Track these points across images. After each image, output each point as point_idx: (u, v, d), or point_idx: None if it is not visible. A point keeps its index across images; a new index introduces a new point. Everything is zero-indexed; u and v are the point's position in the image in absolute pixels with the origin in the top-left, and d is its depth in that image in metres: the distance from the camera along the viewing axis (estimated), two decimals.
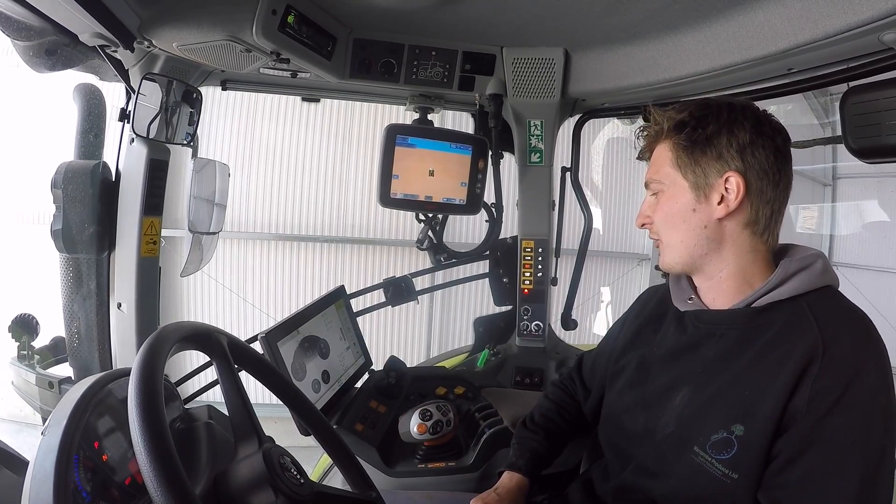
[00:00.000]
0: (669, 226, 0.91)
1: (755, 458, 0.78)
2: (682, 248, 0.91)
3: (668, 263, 0.94)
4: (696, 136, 0.88)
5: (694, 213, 0.88)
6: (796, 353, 0.78)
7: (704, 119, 0.88)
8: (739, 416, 0.80)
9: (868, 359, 0.77)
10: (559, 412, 1.21)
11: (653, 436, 0.91)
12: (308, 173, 4.35)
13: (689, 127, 0.88)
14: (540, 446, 1.15)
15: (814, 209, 6.62)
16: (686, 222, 0.89)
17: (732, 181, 0.85)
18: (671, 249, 0.92)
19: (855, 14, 0.90)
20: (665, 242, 0.93)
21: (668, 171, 0.91)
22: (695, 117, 0.89)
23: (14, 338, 1.47)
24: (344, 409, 1.41)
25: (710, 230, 0.88)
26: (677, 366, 0.93)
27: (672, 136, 0.90)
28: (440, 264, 1.88)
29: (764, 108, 0.90)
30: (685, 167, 0.89)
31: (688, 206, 0.89)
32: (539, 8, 1.26)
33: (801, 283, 0.84)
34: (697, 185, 0.88)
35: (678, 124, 0.90)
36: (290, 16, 1.21)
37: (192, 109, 1.44)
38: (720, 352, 0.87)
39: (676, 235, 0.91)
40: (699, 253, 0.90)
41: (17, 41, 1.19)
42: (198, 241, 1.62)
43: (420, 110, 1.71)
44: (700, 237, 0.89)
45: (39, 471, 0.62)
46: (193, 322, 0.76)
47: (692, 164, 0.88)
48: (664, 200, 0.92)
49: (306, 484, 0.74)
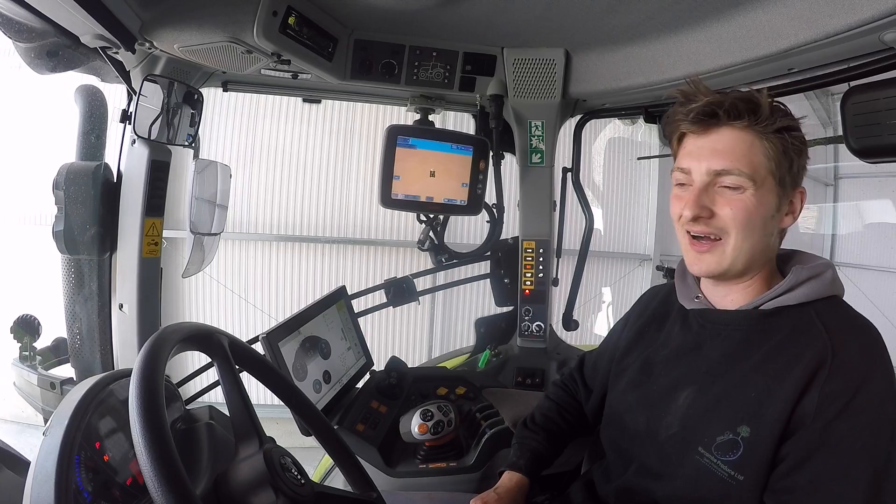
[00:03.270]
0: (747, 229, 0.82)
1: (761, 460, 0.78)
2: (750, 254, 0.84)
3: (722, 268, 0.85)
4: (798, 142, 0.84)
5: (772, 220, 0.85)
6: (805, 357, 0.78)
7: (798, 129, 0.85)
8: (745, 417, 0.80)
9: (876, 366, 0.77)
10: (560, 412, 1.20)
11: (656, 436, 0.91)
12: (309, 174, 4.36)
13: (792, 132, 0.83)
14: (540, 446, 1.15)
15: (815, 209, 6.61)
16: (765, 228, 0.84)
17: (799, 197, 0.87)
18: (737, 253, 0.84)
19: (855, 14, 0.90)
20: (731, 245, 0.83)
21: (762, 167, 0.82)
22: (790, 124, 0.83)
23: (16, 339, 1.48)
24: (345, 410, 1.41)
25: (775, 239, 0.88)
26: (681, 365, 0.93)
27: (772, 126, 0.81)
28: (441, 265, 1.88)
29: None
30: (783, 169, 0.82)
31: (771, 210, 0.84)
32: (540, 9, 1.26)
33: (811, 291, 0.84)
34: (785, 191, 0.85)
35: (790, 125, 0.83)
36: (291, 17, 1.21)
37: (193, 111, 1.44)
38: (725, 352, 0.87)
39: (750, 241, 0.83)
40: (760, 262, 0.87)
41: (18, 43, 1.20)
42: (199, 242, 1.62)
43: (421, 111, 1.71)
44: (767, 245, 0.86)
45: (41, 471, 0.62)
46: (194, 323, 0.77)
47: (790, 170, 0.83)
48: (748, 199, 0.82)
49: (307, 484, 0.74)
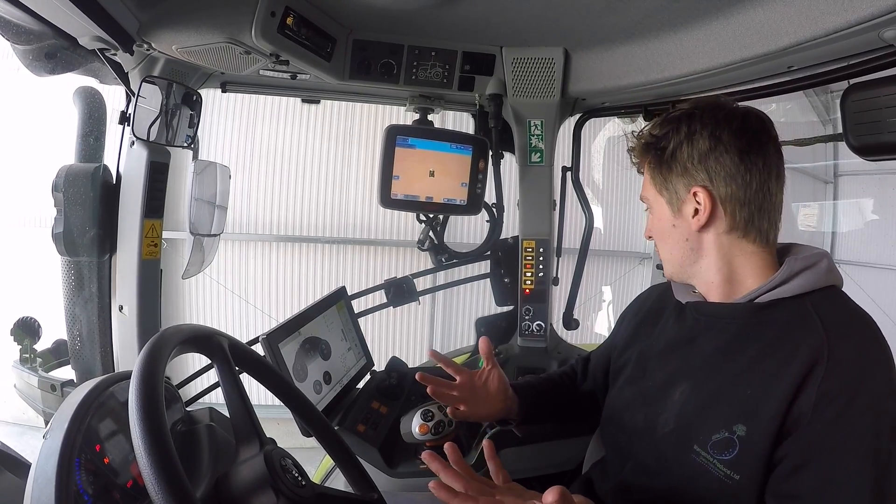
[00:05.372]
0: (660, 240, 0.97)
1: (757, 459, 0.77)
2: (673, 260, 0.95)
3: (668, 274, 0.99)
4: (661, 155, 0.90)
5: (674, 229, 0.92)
6: (801, 353, 0.76)
7: (665, 136, 0.90)
8: (741, 415, 0.79)
9: (874, 363, 0.76)
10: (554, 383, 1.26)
11: (652, 433, 0.91)
12: (308, 174, 4.36)
13: (654, 147, 0.92)
14: (534, 380, 1.24)
15: (815, 207, 6.61)
16: (671, 237, 0.93)
17: (700, 195, 0.87)
18: (666, 262, 0.98)
19: (855, 11, 0.89)
20: (661, 255, 0.98)
21: (649, 190, 0.95)
22: (656, 136, 0.91)
23: (16, 341, 1.47)
24: (345, 410, 1.41)
25: (692, 242, 0.91)
26: (675, 359, 0.93)
27: (645, 156, 0.94)
28: (441, 265, 1.88)
29: (741, 104, 0.90)
30: (660, 186, 0.92)
31: (668, 221, 0.93)
32: (538, 8, 1.26)
33: (806, 282, 0.83)
34: (671, 201, 0.91)
35: (646, 145, 0.93)
36: (289, 17, 1.20)
37: (192, 112, 1.44)
38: (719, 345, 0.87)
39: (666, 249, 0.96)
40: (687, 263, 0.93)
41: (16, 45, 1.19)
42: (199, 243, 1.62)
43: (420, 111, 1.70)
44: (684, 249, 0.92)
45: (41, 474, 0.62)
46: (194, 325, 0.77)
47: (664, 181, 0.91)
48: (651, 217, 0.97)
49: (307, 485, 0.74)
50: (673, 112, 0.92)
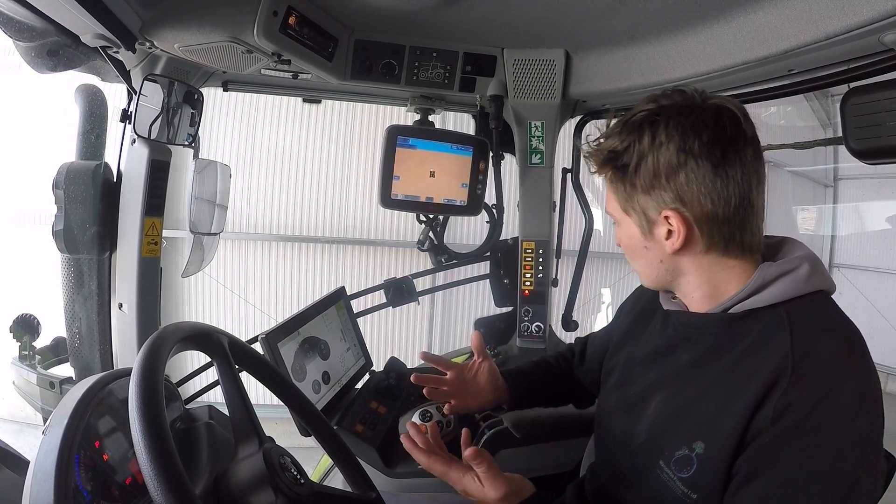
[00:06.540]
0: (630, 257, 0.87)
1: (714, 478, 0.72)
2: (647, 276, 0.87)
3: (645, 285, 0.91)
4: (622, 170, 0.78)
5: (647, 251, 0.82)
6: (766, 368, 0.69)
7: (627, 151, 0.77)
8: (701, 433, 0.75)
9: (844, 375, 0.68)
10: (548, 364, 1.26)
11: (629, 442, 0.88)
12: (309, 174, 4.36)
13: (614, 160, 0.79)
14: (526, 366, 1.23)
15: (815, 211, 6.62)
16: (643, 257, 0.84)
17: (672, 220, 0.76)
18: (640, 276, 0.89)
19: (855, 15, 0.90)
20: (635, 269, 0.89)
21: (614, 206, 0.84)
22: (616, 150, 0.79)
23: (15, 338, 1.47)
24: (344, 410, 1.41)
25: (666, 264, 0.81)
26: (655, 369, 0.89)
27: (604, 169, 0.81)
28: (441, 265, 1.88)
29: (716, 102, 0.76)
30: (625, 204, 0.81)
31: (640, 242, 0.83)
32: (540, 9, 1.26)
33: (782, 290, 0.75)
34: (640, 223, 0.80)
35: (606, 157, 0.80)
36: (292, 17, 1.21)
37: (193, 110, 1.44)
38: (694, 358, 0.81)
39: (638, 265, 0.87)
40: (664, 280, 0.85)
41: (18, 42, 1.20)
42: (199, 241, 1.62)
43: (421, 111, 1.71)
44: (660, 269, 0.83)
45: (40, 470, 0.62)
46: (194, 322, 0.77)
47: (629, 200, 0.80)
48: (620, 232, 0.86)
49: (306, 484, 0.74)
50: (633, 115, 0.78)
